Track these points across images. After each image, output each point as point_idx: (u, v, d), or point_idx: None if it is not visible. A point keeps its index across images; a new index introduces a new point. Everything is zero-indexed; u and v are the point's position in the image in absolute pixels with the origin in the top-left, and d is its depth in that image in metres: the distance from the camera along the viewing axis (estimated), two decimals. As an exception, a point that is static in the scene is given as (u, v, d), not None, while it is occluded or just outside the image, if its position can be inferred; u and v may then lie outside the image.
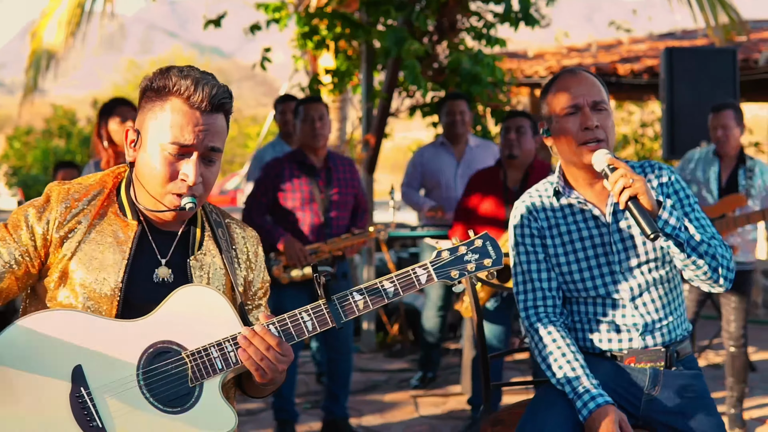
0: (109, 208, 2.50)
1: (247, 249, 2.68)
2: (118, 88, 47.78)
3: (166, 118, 2.40)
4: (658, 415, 3.01)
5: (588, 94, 3.00)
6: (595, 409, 2.84)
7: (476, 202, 5.76)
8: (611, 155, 2.90)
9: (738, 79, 7.71)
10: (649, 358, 3.05)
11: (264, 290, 2.72)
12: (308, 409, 6.40)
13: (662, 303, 3.07)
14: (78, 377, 2.27)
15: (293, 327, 2.45)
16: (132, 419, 2.28)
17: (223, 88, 2.45)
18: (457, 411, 6.32)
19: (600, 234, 3.09)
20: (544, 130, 3.15)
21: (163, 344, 2.36)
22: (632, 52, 13.14)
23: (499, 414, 3.42)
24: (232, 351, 2.39)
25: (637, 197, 2.75)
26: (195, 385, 2.36)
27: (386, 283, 2.54)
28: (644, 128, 17.09)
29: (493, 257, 2.62)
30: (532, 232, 3.17)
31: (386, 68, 8.39)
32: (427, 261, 2.59)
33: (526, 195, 3.27)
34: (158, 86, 2.44)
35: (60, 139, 29.68)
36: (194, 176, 2.39)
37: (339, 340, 5.76)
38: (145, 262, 2.49)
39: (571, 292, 3.14)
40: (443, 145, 7.03)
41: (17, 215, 2.45)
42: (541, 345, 3.06)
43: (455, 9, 8.12)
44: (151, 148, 2.42)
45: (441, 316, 6.94)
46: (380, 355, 8.28)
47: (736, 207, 5.63)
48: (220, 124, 2.45)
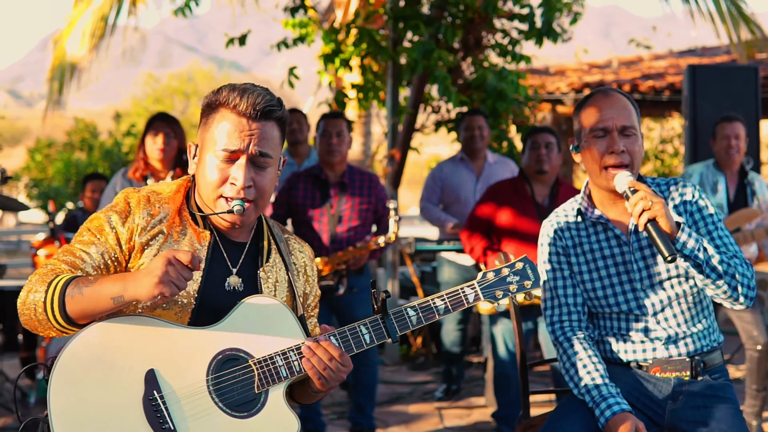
0: (182, 218, 2.62)
1: (305, 263, 2.82)
2: (137, 102, 48.06)
3: (216, 128, 2.53)
4: (682, 423, 3.09)
5: (618, 117, 3.10)
6: (612, 416, 2.96)
7: (499, 213, 5.76)
8: (632, 178, 3.01)
9: (760, 95, 7.77)
10: (674, 367, 3.15)
11: (315, 304, 2.86)
12: (334, 420, 6.49)
13: (687, 316, 3.18)
14: (151, 381, 2.37)
15: (353, 339, 2.60)
16: (202, 422, 2.39)
17: (271, 97, 2.56)
18: (481, 423, 6.40)
19: (621, 252, 3.21)
20: (574, 146, 3.27)
21: (231, 351, 2.48)
22: (653, 69, 13.22)
23: (532, 420, 3.52)
24: (296, 360, 2.51)
25: (656, 219, 2.86)
26: (261, 392, 2.48)
27: (437, 300, 2.68)
28: (664, 144, 17.14)
29: (532, 279, 2.78)
30: (557, 250, 3.31)
31: (412, 84, 8.49)
32: (474, 281, 2.74)
33: (553, 215, 3.40)
34: (211, 101, 2.57)
35: (81, 152, 29.91)
36: (243, 179, 2.50)
37: (364, 351, 5.83)
38: (218, 270, 2.60)
39: (596, 308, 3.26)
40: (462, 160, 7.10)
41: (99, 220, 2.56)
42: (565, 357, 3.19)
43: (481, 25, 8.22)
44: (205, 157, 2.55)
45: (461, 330, 7.02)
46: (404, 367, 8.36)
47: (752, 220, 5.70)
48: (269, 131, 2.56)
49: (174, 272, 2.29)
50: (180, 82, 52.38)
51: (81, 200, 8.04)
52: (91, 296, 2.35)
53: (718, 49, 14.58)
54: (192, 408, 2.40)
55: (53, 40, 12.20)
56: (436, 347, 8.55)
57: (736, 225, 5.74)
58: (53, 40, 12.18)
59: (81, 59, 11.45)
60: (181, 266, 2.31)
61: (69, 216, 8.07)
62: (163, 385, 2.38)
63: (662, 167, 16.96)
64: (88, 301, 2.35)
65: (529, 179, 5.77)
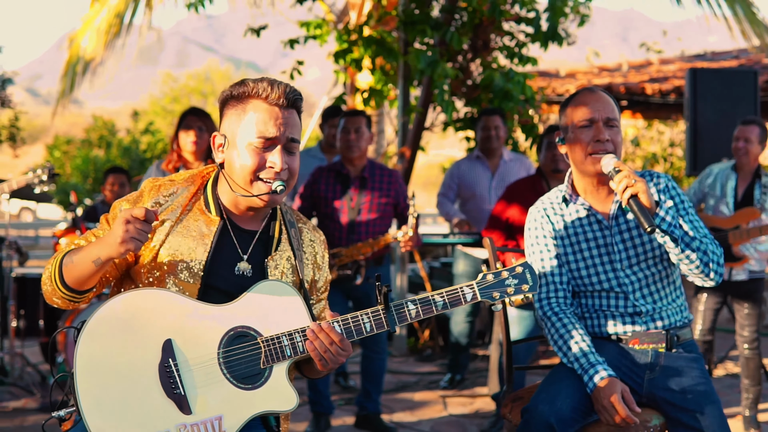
0: (195, 204, 2.86)
1: (315, 251, 3.06)
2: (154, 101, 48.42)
3: (250, 118, 2.75)
4: (659, 391, 3.39)
5: (603, 110, 3.43)
6: (600, 381, 3.25)
7: (516, 211, 5.89)
8: (617, 159, 3.33)
9: (759, 99, 7.96)
10: (651, 340, 3.46)
11: (325, 287, 3.10)
12: (342, 406, 6.73)
13: (662, 294, 3.51)
14: (167, 349, 2.61)
15: (354, 326, 2.79)
16: (210, 390, 2.63)
17: (294, 87, 2.80)
18: (484, 410, 6.62)
19: (603, 236, 3.54)
20: (560, 139, 3.59)
21: (242, 329, 2.71)
22: (661, 73, 13.39)
23: (518, 392, 3.80)
24: (301, 341, 2.74)
25: (638, 196, 3.15)
26: (266, 367, 2.71)
27: (437, 297, 2.88)
28: (673, 147, 17.27)
29: (530, 283, 2.95)
30: (544, 233, 3.63)
31: (422, 85, 8.71)
32: (473, 282, 2.94)
33: (539, 202, 3.72)
34: (238, 93, 2.79)
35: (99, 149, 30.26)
36: (281, 163, 2.74)
37: (375, 340, 6.12)
38: (228, 255, 2.84)
39: (579, 287, 3.58)
40: (479, 158, 7.31)
41: (114, 210, 2.85)
42: (553, 330, 3.49)
43: (489, 28, 8.38)
44: (240, 145, 2.77)
45: (469, 322, 7.30)
46: (411, 359, 8.59)
47: (751, 219, 5.94)
48: (295, 118, 2.80)
49: (133, 229, 2.54)
50: (197, 82, 52.71)
51: (102, 193, 8.29)
52: (78, 262, 2.64)
53: (728, 54, 14.73)
54: (202, 377, 2.63)
55: (69, 38, 12.41)
56: (443, 340, 8.81)
57: (736, 223, 5.98)
58: (69, 39, 12.38)
59: (94, 55, 11.64)
60: (138, 222, 2.55)
61: (90, 207, 8.32)
62: (178, 354, 2.62)
63: (671, 169, 17.09)
64: (77, 267, 2.64)
65: (546, 177, 5.93)
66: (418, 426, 6.22)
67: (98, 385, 2.53)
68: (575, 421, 3.27)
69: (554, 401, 3.27)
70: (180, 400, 2.59)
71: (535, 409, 3.28)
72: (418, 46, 8.43)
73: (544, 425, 3.21)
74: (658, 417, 3.38)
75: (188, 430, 2.58)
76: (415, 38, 8.31)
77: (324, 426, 6.01)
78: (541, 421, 3.23)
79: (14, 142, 14.34)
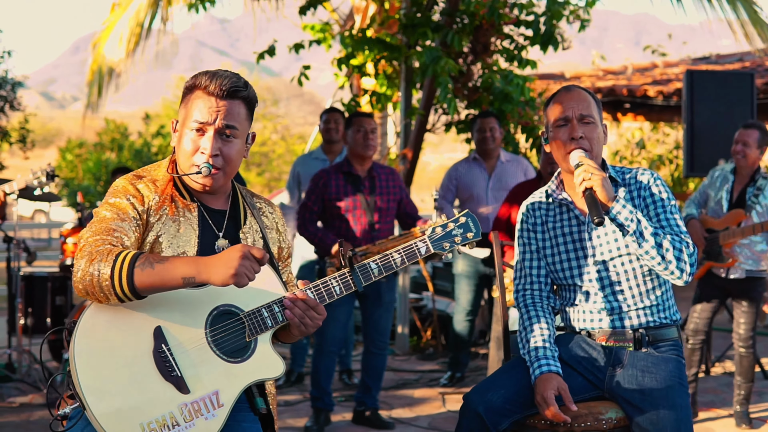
0: (174, 193, 3.01)
1: (276, 221, 3.24)
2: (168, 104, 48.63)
3: (191, 106, 2.95)
4: (619, 390, 3.47)
5: (576, 107, 3.50)
6: (540, 374, 3.39)
7: (517, 213, 6.01)
8: (583, 155, 3.41)
9: (755, 101, 8.04)
10: (617, 338, 3.54)
11: (288, 254, 3.28)
12: (342, 402, 6.86)
13: (636, 292, 3.54)
14: (159, 336, 2.75)
15: (325, 291, 2.98)
16: (204, 368, 2.78)
17: (237, 79, 2.97)
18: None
19: (579, 231, 3.62)
20: (544, 139, 3.68)
21: (224, 306, 2.86)
22: (665, 75, 13.47)
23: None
24: (279, 312, 2.90)
25: (593, 189, 3.27)
26: (251, 340, 2.87)
27: (395, 254, 3.08)
28: (678, 149, 17.34)
29: (473, 231, 3.19)
30: (528, 227, 3.74)
31: (423, 87, 8.83)
32: (425, 235, 3.15)
33: (530, 197, 3.81)
34: (189, 85, 2.99)
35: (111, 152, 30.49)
36: (210, 148, 2.90)
37: (378, 334, 6.23)
38: (208, 235, 3.00)
39: (557, 280, 3.68)
40: (476, 160, 7.44)
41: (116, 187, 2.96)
42: (520, 322, 3.63)
43: (489, 32, 8.47)
44: (182, 131, 2.97)
45: (469, 320, 7.44)
46: (413, 357, 8.70)
47: (738, 221, 6.06)
48: (236, 108, 2.95)
49: (249, 266, 2.65)
50: (211, 86, 52.84)
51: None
52: (161, 272, 2.64)
53: (733, 57, 14.80)
54: (195, 357, 2.77)
55: (92, 43, 12.54)
56: (444, 339, 8.93)
57: (726, 224, 6.10)
58: (92, 44, 12.52)
59: (118, 63, 11.83)
60: (254, 261, 2.67)
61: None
62: (169, 338, 2.75)
63: (677, 171, 17.17)
64: (158, 276, 2.65)
65: (546, 179, 6.02)
66: (416, 422, 6.34)
67: (99, 378, 2.65)
68: (510, 411, 3.39)
69: (487, 391, 3.41)
70: (178, 381, 2.72)
71: (468, 398, 3.43)
72: (419, 49, 8.53)
73: (472, 414, 3.36)
74: (616, 411, 3.45)
75: (189, 407, 2.72)
76: (416, 41, 8.42)
77: (324, 422, 6.13)
78: (470, 409, 3.39)
79: (24, 145, 14.48)
